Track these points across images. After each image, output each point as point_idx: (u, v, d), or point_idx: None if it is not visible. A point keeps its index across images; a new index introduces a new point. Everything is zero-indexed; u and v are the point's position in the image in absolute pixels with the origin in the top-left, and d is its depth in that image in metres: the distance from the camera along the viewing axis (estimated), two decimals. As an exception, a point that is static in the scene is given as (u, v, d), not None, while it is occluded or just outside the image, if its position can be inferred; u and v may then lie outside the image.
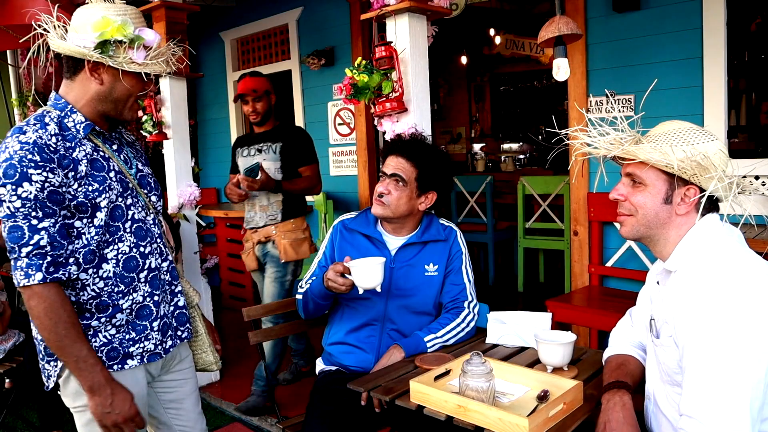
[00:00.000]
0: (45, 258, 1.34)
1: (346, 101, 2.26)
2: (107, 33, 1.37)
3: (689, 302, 1.21)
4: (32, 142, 1.34)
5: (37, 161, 1.33)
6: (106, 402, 1.40)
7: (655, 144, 1.27)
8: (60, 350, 1.38)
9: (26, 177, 1.31)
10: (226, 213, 4.85)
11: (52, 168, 1.35)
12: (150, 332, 1.54)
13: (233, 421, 3.05)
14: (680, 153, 1.23)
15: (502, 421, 1.29)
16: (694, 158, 1.22)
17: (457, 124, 8.19)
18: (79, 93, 1.45)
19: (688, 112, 2.94)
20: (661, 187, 1.29)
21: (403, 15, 2.29)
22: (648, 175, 1.29)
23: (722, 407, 1.12)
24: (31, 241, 1.33)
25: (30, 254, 1.33)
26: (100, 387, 1.39)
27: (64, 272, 1.37)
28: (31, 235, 1.33)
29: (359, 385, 1.64)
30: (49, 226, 1.35)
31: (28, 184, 1.32)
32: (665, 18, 3.01)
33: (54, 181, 1.35)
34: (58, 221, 1.37)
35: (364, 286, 1.73)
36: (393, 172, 1.93)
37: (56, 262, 1.36)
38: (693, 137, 1.26)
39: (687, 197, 1.28)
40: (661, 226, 1.30)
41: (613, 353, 1.53)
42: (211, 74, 5.65)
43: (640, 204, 1.31)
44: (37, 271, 1.33)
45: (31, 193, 1.32)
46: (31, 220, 1.33)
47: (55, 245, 1.36)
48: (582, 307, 2.98)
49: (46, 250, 1.34)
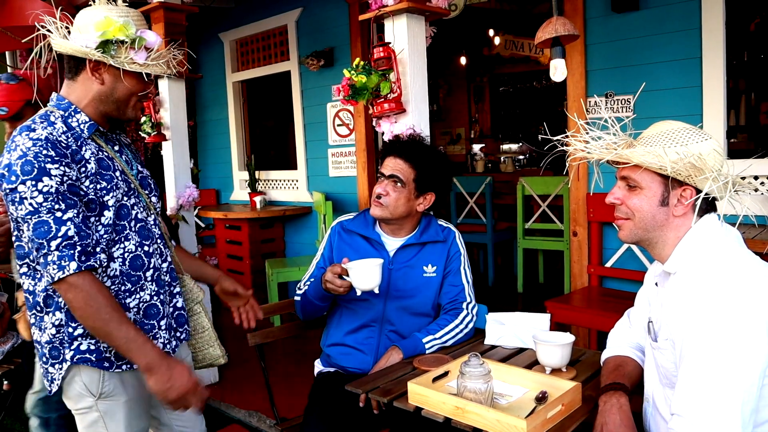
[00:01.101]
0: (75, 248, 1.33)
1: (344, 102, 2.25)
2: (109, 32, 1.38)
3: (687, 304, 1.21)
4: (44, 138, 1.34)
5: (53, 156, 1.33)
6: (165, 377, 1.38)
7: (648, 146, 1.27)
8: (107, 336, 1.37)
9: (45, 171, 1.32)
10: (225, 214, 4.85)
11: (67, 162, 1.36)
12: (158, 331, 1.54)
13: (232, 422, 3.04)
14: (673, 155, 1.23)
15: (500, 423, 1.29)
16: (688, 159, 1.22)
17: (457, 124, 8.18)
18: (80, 93, 1.46)
19: (687, 112, 2.94)
20: (656, 189, 1.28)
21: (401, 15, 2.29)
22: (643, 177, 1.29)
23: (713, 408, 1.11)
24: (59, 234, 1.32)
25: (60, 246, 1.32)
26: (157, 364, 1.38)
27: (95, 260, 1.37)
28: (58, 227, 1.32)
29: (357, 386, 1.63)
30: (73, 217, 1.34)
31: (48, 179, 1.32)
32: (664, 18, 3.01)
33: (72, 175, 1.36)
34: (80, 212, 1.36)
35: (362, 287, 1.73)
36: (391, 173, 1.93)
37: (86, 251, 1.36)
38: (686, 137, 1.26)
39: (683, 198, 1.27)
40: (659, 228, 1.30)
41: (611, 354, 1.53)
42: (211, 75, 5.65)
43: (637, 207, 1.30)
44: (70, 261, 1.32)
45: (52, 187, 1.32)
46: (55, 213, 1.33)
47: (82, 234, 1.35)
48: (581, 308, 2.97)
49: (75, 240, 1.34)
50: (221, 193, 5.88)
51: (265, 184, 5.33)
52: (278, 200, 5.19)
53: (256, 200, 4.92)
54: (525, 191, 4.83)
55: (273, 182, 5.29)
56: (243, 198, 5.48)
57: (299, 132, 4.93)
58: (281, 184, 5.22)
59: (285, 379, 3.51)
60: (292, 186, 5.11)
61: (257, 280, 4.82)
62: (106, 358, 1.45)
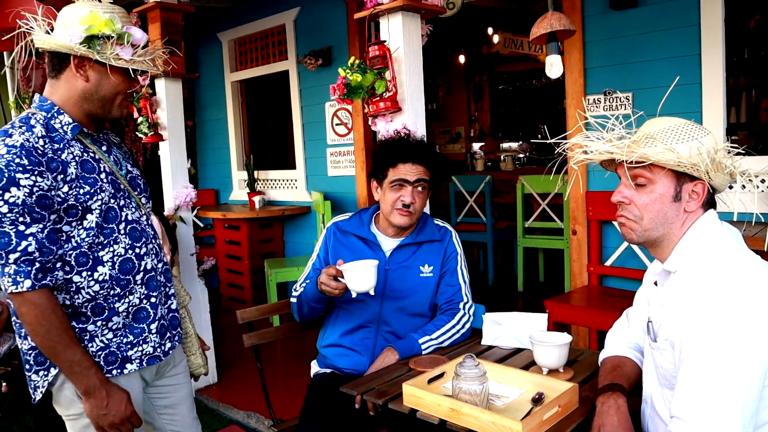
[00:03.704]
0: (33, 264, 1.32)
1: (339, 101, 2.24)
2: (95, 27, 1.36)
3: (687, 304, 1.19)
4: (19, 146, 1.31)
5: (26, 165, 1.30)
6: (102, 404, 1.39)
7: (659, 143, 1.24)
8: (53, 356, 1.37)
9: (14, 182, 1.29)
10: (224, 214, 4.84)
11: (40, 171, 1.32)
12: (148, 335, 1.52)
13: (230, 423, 3.03)
14: (692, 150, 1.21)
15: (495, 425, 1.27)
16: (707, 153, 1.20)
17: (456, 123, 8.16)
18: (64, 93, 1.43)
19: (687, 109, 2.92)
20: (669, 184, 1.26)
21: (396, 14, 2.27)
22: (654, 174, 1.26)
23: (713, 411, 1.09)
24: (19, 248, 1.30)
25: (18, 261, 1.30)
26: (95, 389, 1.39)
27: (51, 278, 1.35)
28: (19, 241, 1.30)
29: (352, 388, 1.62)
30: (37, 232, 1.32)
31: (16, 189, 1.29)
32: (662, 15, 2.99)
33: (42, 185, 1.33)
34: (47, 226, 1.34)
35: (357, 289, 1.71)
36: (418, 178, 1.89)
37: (45, 268, 1.34)
38: (691, 132, 1.24)
39: (695, 193, 1.26)
40: (669, 224, 1.27)
41: (609, 355, 1.51)
42: (209, 75, 5.64)
43: (647, 207, 1.27)
44: (25, 278, 1.31)
45: (18, 198, 1.30)
46: (18, 225, 1.30)
47: (44, 251, 1.33)
48: (581, 307, 2.96)
49: (35, 256, 1.32)
50: (220, 193, 5.87)
51: (264, 183, 5.32)
52: (277, 200, 5.18)
53: (254, 200, 4.92)
54: (525, 190, 4.82)
55: (272, 182, 5.28)
56: (242, 198, 5.47)
57: (298, 131, 4.92)
58: (280, 184, 5.21)
59: (284, 380, 3.50)
60: (290, 186, 5.10)
61: (256, 280, 4.82)
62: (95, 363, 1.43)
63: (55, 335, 1.34)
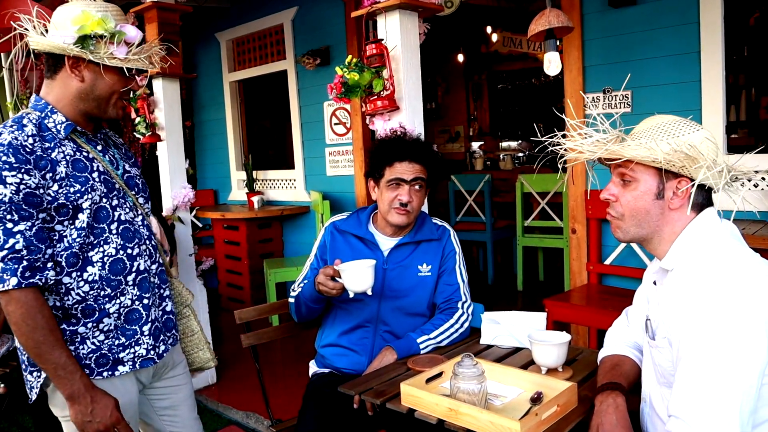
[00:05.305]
0: (21, 262, 1.30)
1: (337, 100, 2.23)
2: (87, 27, 1.35)
3: (685, 303, 1.18)
4: (7, 144, 1.31)
5: (12, 163, 1.30)
6: (87, 410, 1.36)
7: (639, 140, 1.25)
8: (38, 357, 1.35)
9: (0, 179, 1.28)
10: (223, 214, 4.83)
11: (27, 169, 1.32)
12: (141, 337, 1.50)
13: (230, 424, 3.02)
14: (665, 146, 1.22)
15: (493, 425, 1.27)
16: (680, 149, 1.20)
17: (455, 122, 8.15)
18: (59, 92, 1.43)
19: (686, 107, 2.91)
20: (651, 182, 1.26)
21: (393, 12, 2.26)
22: (636, 172, 1.27)
23: (711, 410, 1.09)
24: (6, 245, 1.29)
25: (5, 258, 1.29)
26: (80, 395, 1.36)
27: (41, 277, 1.33)
28: (6, 239, 1.29)
29: (350, 388, 1.61)
30: (25, 230, 1.31)
31: (2, 187, 1.29)
32: (661, 13, 2.98)
33: (30, 183, 1.32)
34: (35, 224, 1.33)
35: (354, 289, 1.70)
36: (415, 177, 1.89)
37: (33, 267, 1.32)
38: (677, 129, 1.25)
39: (678, 190, 1.25)
40: (654, 222, 1.28)
41: (608, 353, 1.51)
42: (208, 75, 5.63)
43: (630, 204, 1.29)
44: (11, 276, 1.29)
45: (5, 196, 1.29)
46: (6, 223, 1.30)
47: (32, 249, 1.32)
48: (580, 306, 2.95)
49: (22, 254, 1.31)
50: (219, 193, 5.86)
51: (263, 183, 5.32)
52: (276, 200, 5.18)
53: (253, 200, 4.91)
54: (524, 188, 4.81)
55: (270, 182, 5.27)
56: (241, 198, 5.46)
57: (296, 131, 4.91)
58: (279, 184, 5.20)
59: (283, 380, 3.49)
60: (289, 185, 5.09)
61: (256, 280, 4.81)
62: (86, 365, 1.43)
63: (41, 335, 1.32)
